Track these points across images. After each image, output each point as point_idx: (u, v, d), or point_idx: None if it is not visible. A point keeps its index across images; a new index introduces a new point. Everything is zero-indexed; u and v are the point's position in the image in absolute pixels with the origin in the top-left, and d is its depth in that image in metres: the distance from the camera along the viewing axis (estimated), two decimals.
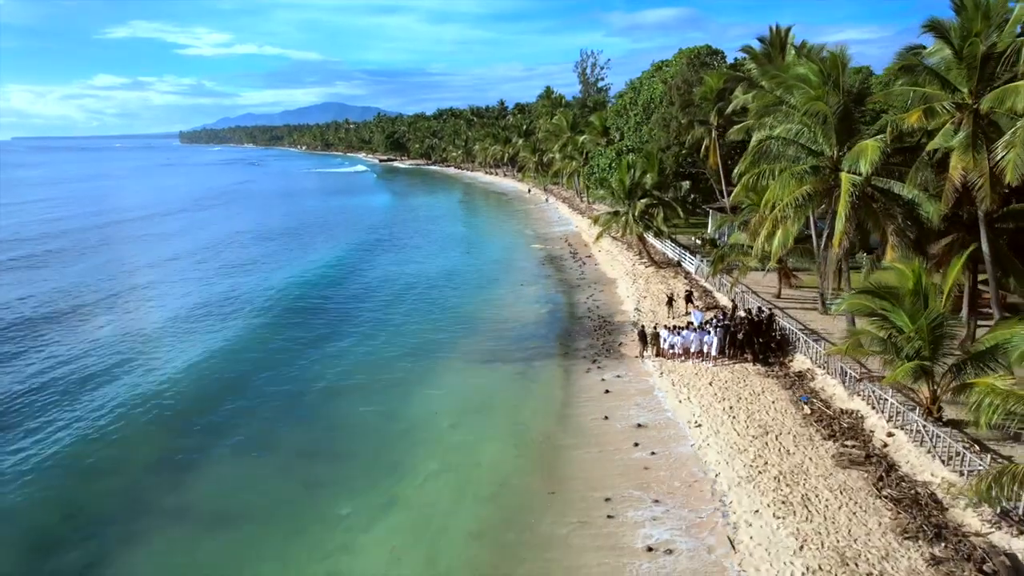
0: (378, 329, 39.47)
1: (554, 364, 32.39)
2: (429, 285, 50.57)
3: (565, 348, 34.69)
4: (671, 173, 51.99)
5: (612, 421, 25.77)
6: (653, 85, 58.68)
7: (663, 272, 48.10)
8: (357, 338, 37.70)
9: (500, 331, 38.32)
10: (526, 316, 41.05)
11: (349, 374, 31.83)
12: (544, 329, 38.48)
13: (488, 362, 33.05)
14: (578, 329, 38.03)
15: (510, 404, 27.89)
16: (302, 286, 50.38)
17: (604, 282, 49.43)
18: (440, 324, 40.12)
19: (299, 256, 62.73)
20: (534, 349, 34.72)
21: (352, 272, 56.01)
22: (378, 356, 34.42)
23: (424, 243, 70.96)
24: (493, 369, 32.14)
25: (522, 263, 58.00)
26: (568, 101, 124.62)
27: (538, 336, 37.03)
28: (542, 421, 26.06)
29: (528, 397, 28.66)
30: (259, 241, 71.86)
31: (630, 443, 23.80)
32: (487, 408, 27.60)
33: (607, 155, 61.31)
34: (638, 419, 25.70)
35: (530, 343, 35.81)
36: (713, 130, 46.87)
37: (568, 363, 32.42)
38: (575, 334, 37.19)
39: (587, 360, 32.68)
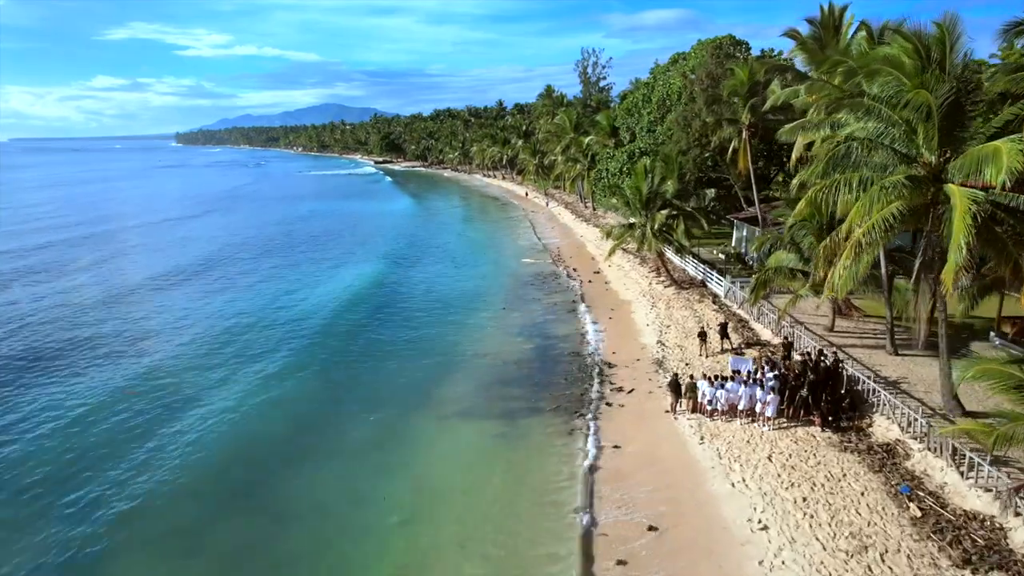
0: (338, 363, 33.39)
1: (544, 424, 25.84)
2: (404, 307, 44.16)
3: (561, 398, 28.27)
4: (692, 179, 45.63)
5: (626, 510, 19.37)
6: (670, 80, 52.27)
7: (686, 294, 41.65)
8: (313, 374, 31.49)
9: (481, 371, 32.02)
10: (512, 351, 34.61)
11: (299, 430, 25.64)
12: (537, 369, 31.91)
13: (461, 417, 26.86)
14: (579, 370, 31.51)
15: (479, 491, 21.44)
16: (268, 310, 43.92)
17: (616, 305, 42.92)
18: (411, 359, 33.88)
19: (259, 278, 56.22)
20: (520, 399, 28.35)
21: (315, 288, 49.51)
22: (335, 404, 28.17)
23: (403, 255, 64.42)
24: (466, 427, 25.96)
25: (513, 281, 51.46)
26: (570, 100, 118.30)
27: (527, 380, 30.51)
28: (517, 530, 19.25)
29: (507, 479, 22.10)
30: (248, 255, 65.38)
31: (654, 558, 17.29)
32: (447, 495, 21.23)
33: (617, 158, 54.95)
34: (664, 510, 19.24)
35: (516, 390, 29.44)
36: (744, 130, 40.49)
37: (563, 422, 25.95)
38: (575, 377, 30.72)
39: (591, 413, 26.43)
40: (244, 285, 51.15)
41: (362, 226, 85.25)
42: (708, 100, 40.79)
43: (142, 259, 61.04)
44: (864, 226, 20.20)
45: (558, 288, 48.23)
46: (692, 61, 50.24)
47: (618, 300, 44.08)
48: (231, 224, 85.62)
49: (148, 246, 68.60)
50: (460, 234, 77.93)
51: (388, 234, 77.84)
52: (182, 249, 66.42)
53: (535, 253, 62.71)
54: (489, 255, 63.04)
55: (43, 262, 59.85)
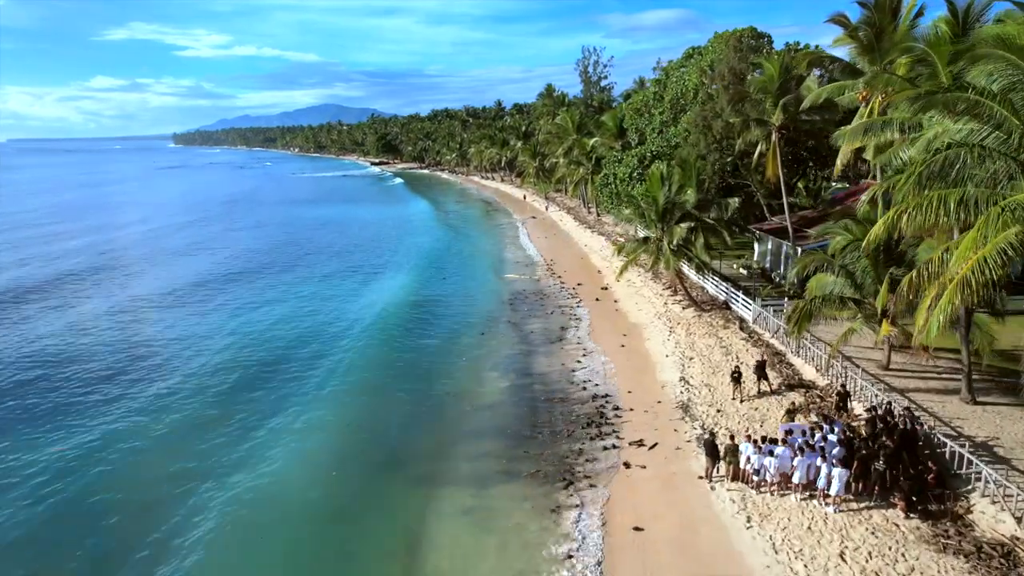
0: (282, 406, 28.51)
1: (526, 500, 20.85)
2: (370, 330, 39.23)
3: (551, 457, 23.43)
4: (713, 187, 40.75)
5: None
6: (684, 77, 47.38)
7: (708, 317, 36.76)
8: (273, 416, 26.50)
9: (453, 419, 27.29)
10: (488, 392, 29.88)
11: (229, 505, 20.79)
12: (522, 418, 26.95)
13: (422, 484, 22.13)
14: (585, 418, 26.55)
15: None
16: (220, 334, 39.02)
17: (628, 329, 38.00)
18: (371, 404, 29.07)
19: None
20: (497, 458, 23.57)
21: (280, 304, 44.63)
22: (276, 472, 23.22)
23: (380, 267, 59.41)
24: (426, 499, 21.21)
25: (494, 301, 46.49)
26: (572, 100, 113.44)
27: (512, 433, 25.59)
28: None
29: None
30: (243, 273, 60.46)
31: None
32: None
33: (627, 162, 50.03)
34: None
35: (492, 445, 24.66)
36: (774, 132, 35.60)
37: (551, 495, 21.03)
38: (582, 422, 25.92)
39: (595, 481, 21.63)
40: (224, 312, 46.29)
41: (349, 234, 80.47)
42: (733, 98, 35.92)
43: (141, 276, 55.30)
44: (971, 259, 15.34)
45: (550, 308, 43.23)
46: (709, 56, 45.40)
47: (629, 324, 39.14)
48: (235, 236, 78.95)
49: (146, 260, 62.50)
50: (452, 245, 72.91)
51: (370, 245, 72.98)
52: (185, 265, 60.32)
53: (521, 267, 57.75)
54: (468, 269, 58.06)
55: (49, 278, 54.91)
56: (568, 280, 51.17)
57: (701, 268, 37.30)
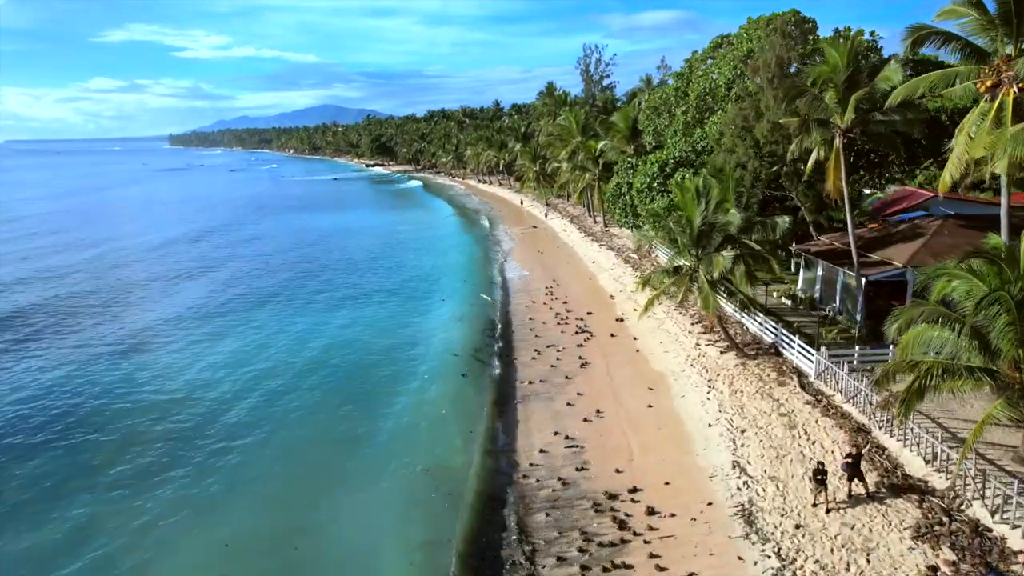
0: None
1: None
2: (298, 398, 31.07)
3: None
4: (756, 203, 33.42)
5: None
6: (715, 69, 40.03)
7: (755, 367, 29.39)
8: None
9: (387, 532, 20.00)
10: (471, 483, 22.50)
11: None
12: (505, 535, 19.43)
13: None
14: (590, 533, 19.06)
15: None
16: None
17: (652, 380, 30.66)
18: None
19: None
20: None
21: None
22: None
23: (346, 297, 51.93)
24: None
25: (491, 334, 39.24)
26: (575, 99, 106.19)
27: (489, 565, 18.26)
28: None
29: None
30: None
31: None
32: None
33: (644, 171, 42.62)
34: None
35: None
36: (838, 135, 28.23)
37: None
38: (580, 555, 18.46)
39: None
40: None
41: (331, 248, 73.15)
42: (787, 94, 28.54)
43: (136, 307, 47.16)
44: None
45: (552, 346, 35.85)
46: (745, 44, 38.09)
47: (654, 372, 31.78)
48: (239, 251, 70.48)
49: (144, 286, 53.83)
50: (432, 264, 65.38)
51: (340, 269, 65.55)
52: (184, 291, 51.72)
53: (517, 291, 50.33)
54: (451, 291, 50.53)
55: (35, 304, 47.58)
56: (574, 307, 43.76)
57: (746, 305, 29.89)
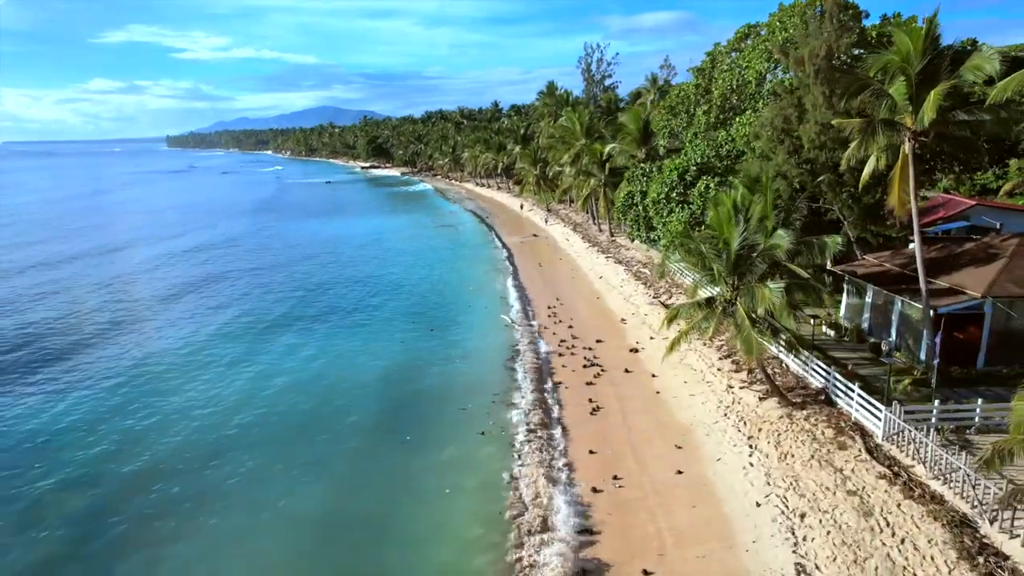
0: None
1: None
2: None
3: None
4: (798, 218, 28.21)
5: None
6: (746, 62, 34.81)
7: (804, 419, 24.14)
8: None
9: None
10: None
11: None
12: None
13: None
14: None
15: None
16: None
17: (684, 438, 25.43)
18: None
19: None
20: None
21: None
22: None
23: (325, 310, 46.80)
24: None
25: (480, 369, 34.08)
26: (577, 99, 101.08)
27: None
28: None
29: None
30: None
31: None
32: None
33: (660, 179, 37.33)
34: None
35: None
36: (907, 139, 23.02)
37: None
38: None
39: None
40: None
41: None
42: (847, 89, 23.29)
43: (140, 329, 41.71)
44: None
45: (556, 384, 30.73)
46: (779, 34, 32.86)
47: (680, 424, 26.51)
48: (242, 265, 63.06)
49: (146, 305, 47.93)
50: (399, 280, 60.23)
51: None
52: (194, 313, 45.47)
53: (514, 312, 45.10)
54: (438, 314, 45.24)
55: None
56: (581, 333, 38.56)
57: (793, 346, 24.63)
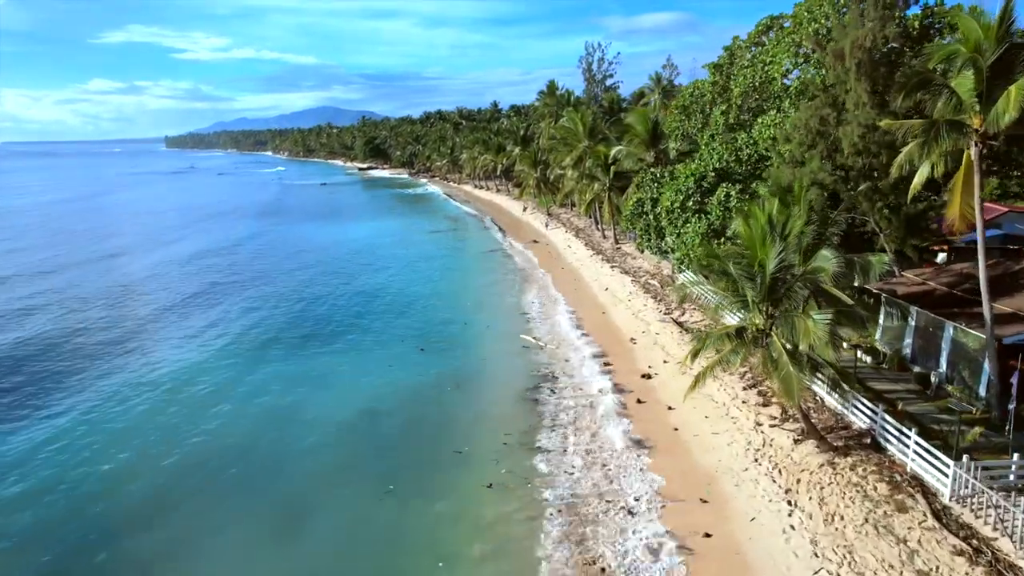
0: None
1: None
2: None
3: None
4: (837, 234, 24.76)
5: None
6: (769, 56, 31.36)
7: (849, 469, 20.68)
8: None
9: None
10: None
11: None
12: None
13: None
14: None
15: None
16: None
17: (711, 488, 21.97)
18: None
19: None
20: None
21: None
22: None
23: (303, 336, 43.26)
24: None
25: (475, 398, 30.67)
26: (579, 98, 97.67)
27: None
28: None
29: None
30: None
31: None
32: None
33: (677, 184, 33.82)
34: None
35: None
36: (974, 142, 19.62)
37: None
38: None
39: None
40: None
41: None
42: (905, 85, 19.82)
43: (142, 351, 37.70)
44: None
45: (556, 417, 27.28)
46: (808, 26, 29.41)
47: (704, 470, 23.02)
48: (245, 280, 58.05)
49: (148, 326, 43.11)
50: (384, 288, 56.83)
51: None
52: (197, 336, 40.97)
53: (520, 326, 41.59)
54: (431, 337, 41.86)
55: None
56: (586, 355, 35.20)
57: (839, 384, 21.14)
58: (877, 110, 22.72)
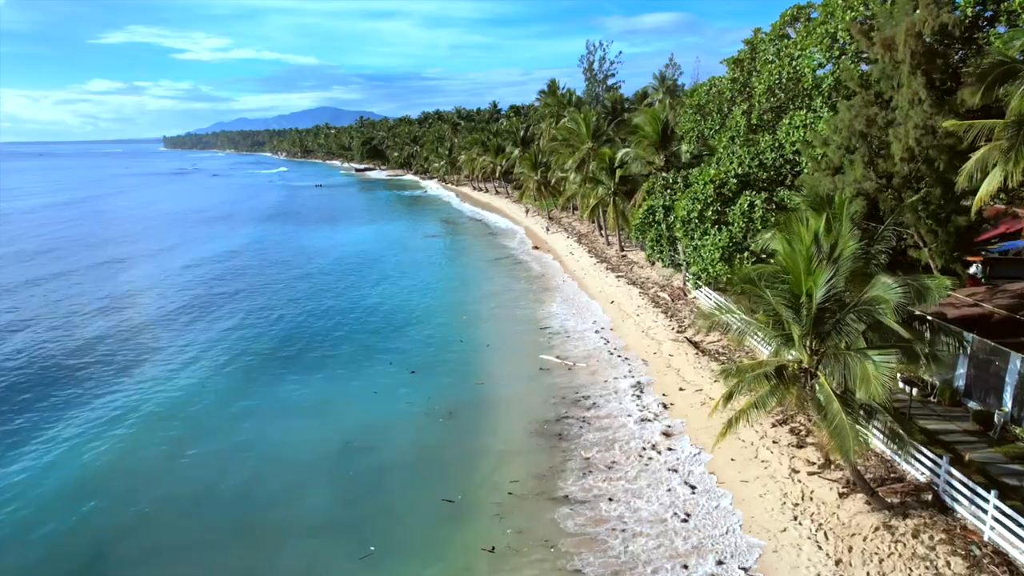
0: None
1: None
2: None
3: None
4: (885, 251, 21.43)
5: None
6: (797, 48, 27.97)
7: (913, 535, 17.34)
8: None
9: None
10: None
11: None
12: None
13: None
14: None
15: None
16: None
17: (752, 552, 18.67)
18: None
19: None
20: None
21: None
22: None
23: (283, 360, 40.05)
24: None
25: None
26: (580, 98, 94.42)
27: None
28: None
29: None
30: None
31: None
32: None
33: (695, 192, 30.41)
34: None
35: None
36: None
37: None
38: None
39: None
40: None
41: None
42: (983, 77, 16.46)
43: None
44: None
45: (566, 458, 23.92)
46: (844, 14, 26.00)
47: (739, 538, 19.68)
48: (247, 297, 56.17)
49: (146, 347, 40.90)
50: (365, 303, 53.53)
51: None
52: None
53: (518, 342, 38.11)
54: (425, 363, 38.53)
55: None
56: (590, 379, 31.82)
57: (898, 435, 17.76)
58: (937, 108, 19.41)
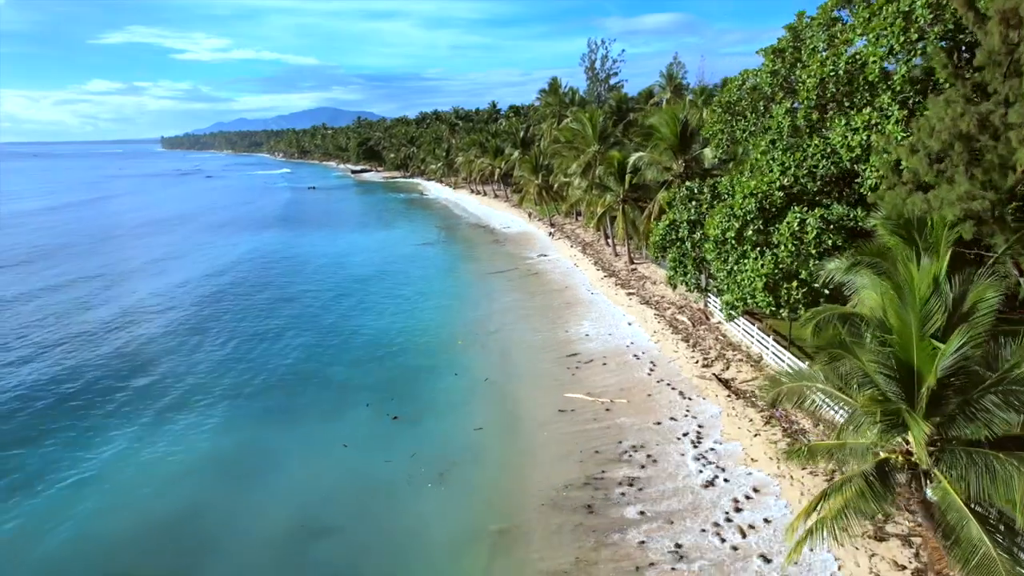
0: None
1: None
2: None
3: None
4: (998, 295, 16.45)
5: None
6: (859, 33, 22.89)
7: None
8: None
9: None
10: None
11: None
12: None
13: None
14: None
15: None
16: None
17: None
18: None
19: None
20: None
21: None
22: None
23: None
24: None
25: None
26: (583, 97, 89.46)
27: None
28: None
29: None
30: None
31: None
32: None
33: (730, 208, 25.17)
34: None
35: None
36: None
37: None
38: None
39: None
40: None
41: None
42: None
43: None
44: None
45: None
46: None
47: None
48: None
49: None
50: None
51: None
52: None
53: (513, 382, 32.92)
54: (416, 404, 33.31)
55: None
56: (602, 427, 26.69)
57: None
58: None
